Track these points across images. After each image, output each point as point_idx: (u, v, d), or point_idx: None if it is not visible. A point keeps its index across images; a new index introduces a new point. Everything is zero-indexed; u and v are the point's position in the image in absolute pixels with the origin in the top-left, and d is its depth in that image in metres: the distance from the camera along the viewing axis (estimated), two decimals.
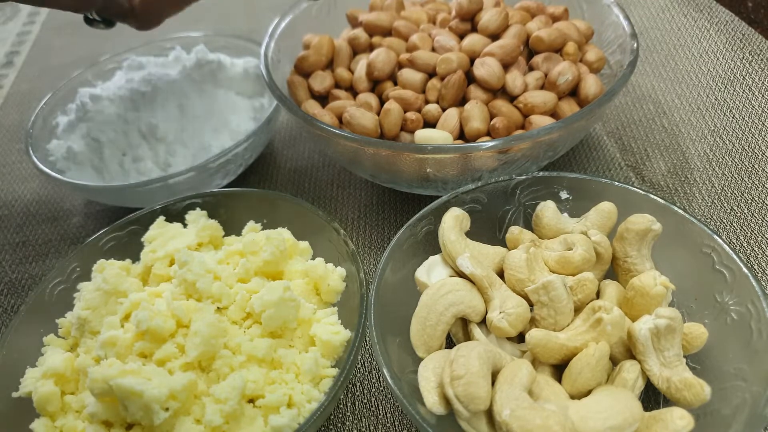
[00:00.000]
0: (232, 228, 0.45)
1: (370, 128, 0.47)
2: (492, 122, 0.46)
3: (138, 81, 0.57)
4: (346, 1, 0.59)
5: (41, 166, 0.52)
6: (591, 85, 0.47)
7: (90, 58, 0.73)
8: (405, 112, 0.48)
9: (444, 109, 0.48)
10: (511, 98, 0.48)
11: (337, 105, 0.50)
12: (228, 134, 0.55)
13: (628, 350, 0.34)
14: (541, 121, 0.46)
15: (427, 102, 0.49)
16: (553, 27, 0.50)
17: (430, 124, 0.48)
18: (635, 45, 0.48)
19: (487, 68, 0.47)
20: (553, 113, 0.47)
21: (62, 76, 0.75)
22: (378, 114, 0.48)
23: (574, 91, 0.48)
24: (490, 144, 0.42)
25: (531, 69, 0.49)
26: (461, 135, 0.47)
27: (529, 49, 0.50)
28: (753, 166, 0.51)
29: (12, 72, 0.82)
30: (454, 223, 0.38)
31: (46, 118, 0.59)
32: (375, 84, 0.51)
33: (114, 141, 0.53)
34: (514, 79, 0.47)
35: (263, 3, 0.83)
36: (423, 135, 0.46)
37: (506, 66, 0.48)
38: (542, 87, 0.48)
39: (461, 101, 0.48)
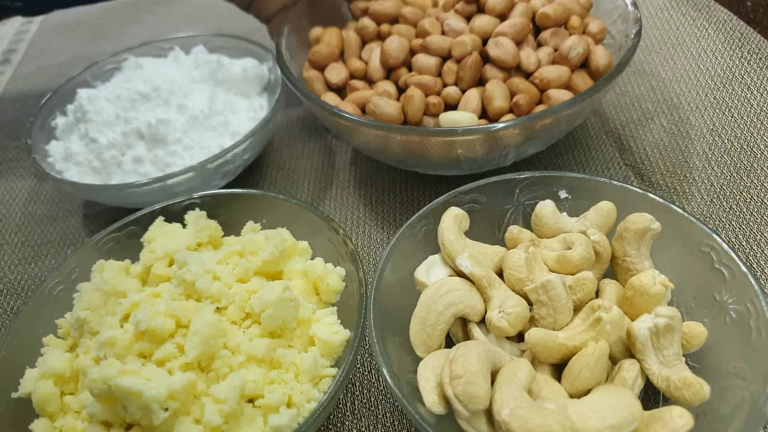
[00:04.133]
0: (232, 228, 0.45)
1: (394, 116, 0.48)
2: (514, 99, 0.47)
3: (137, 82, 0.57)
4: None
5: (42, 167, 0.52)
6: (601, 56, 0.49)
7: (87, 56, 0.73)
8: (425, 96, 0.49)
9: (463, 91, 0.49)
10: (526, 75, 0.49)
11: (357, 96, 0.51)
12: (227, 135, 0.55)
13: (628, 349, 0.34)
14: (558, 94, 0.47)
15: (445, 85, 0.50)
16: (557, 2, 0.51)
17: (450, 106, 0.49)
18: (638, 14, 0.49)
19: (501, 48, 0.48)
20: (568, 86, 0.48)
21: (59, 74, 0.75)
22: (398, 101, 0.49)
23: (583, 63, 0.50)
24: (518, 121, 0.42)
25: (540, 45, 0.51)
26: (483, 114, 0.48)
27: (535, 25, 0.51)
28: (752, 164, 0.51)
29: (9, 69, 0.82)
30: (453, 222, 0.38)
31: (45, 119, 0.59)
32: (389, 72, 0.52)
33: (113, 142, 0.53)
34: (528, 56, 0.48)
35: None
36: (448, 118, 0.47)
37: (518, 44, 0.49)
38: (554, 62, 0.49)
39: (478, 82, 0.49)
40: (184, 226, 0.45)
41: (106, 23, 0.90)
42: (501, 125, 0.42)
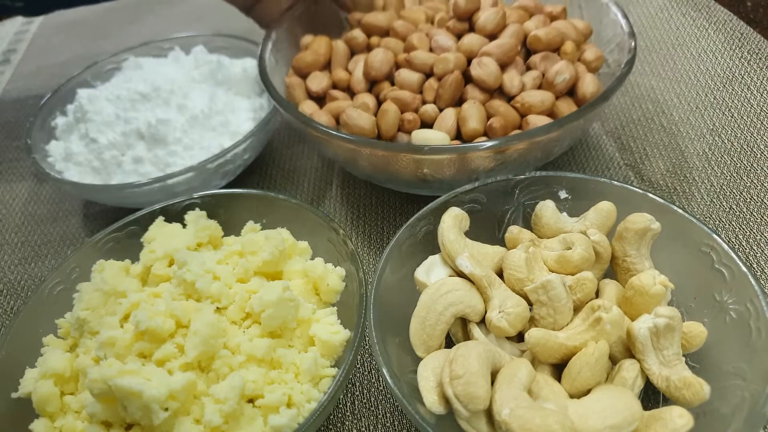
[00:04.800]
0: (232, 228, 0.45)
1: (367, 129, 0.47)
2: (489, 122, 0.45)
3: (137, 82, 0.57)
4: None
5: (42, 167, 0.52)
6: (588, 84, 0.47)
7: (87, 56, 0.72)
8: (402, 112, 0.48)
9: (441, 110, 0.48)
10: (509, 98, 0.48)
11: (334, 106, 0.50)
12: (227, 135, 0.55)
13: (628, 349, 0.34)
14: (538, 120, 0.46)
15: (424, 102, 0.49)
16: (551, 26, 0.50)
17: (427, 124, 0.48)
18: (633, 44, 0.48)
19: (484, 68, 0.47)
20: (551, 113, 0.47)
21: (59, 74, 0.75)
22: (375, 115, 0.48)
23: (571, 91, 0.48)
24: (487, 144, 0.41)
25: (528, 68, 0.49)
26: (458, 135, 0.47)
27: (527, 48, 0.50)
28: (752, 164, 0.51)
29: (9, 69, 0.82)
30: (453, 222, 0.38)
31: (45, 119, 0.59)
32: (372, 84, 0.51)
33: (113, 142, 0.53)
34: (512, 79, 0.47)
35: None
36: (420, 136, 0.46)
37: (504, 66, 0.48)
38: (540, 87, 0.48)
39: (458, 101, 0.48)
40: (184, 226, 0.45)
41: (106, 23, 0.90)
42: (469, 146, 0.41)
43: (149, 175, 0.52)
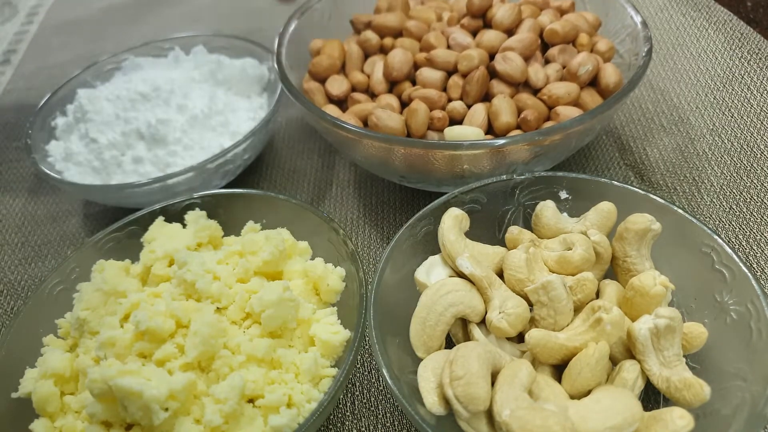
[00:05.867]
0: (232, 228, 0.45)
1: (397, 129, 0.47)
2: (522, 114, 0.46)
3: (137, 82, 0.57)
4: (346, 7, 0.59)
5: (42, 167, 0.52)
6: (610, 74, 0.48)
7: (87, 57, 0.73)
8: (430, 110, 0.48)
9: (469, 106, 0.48)
10: (534, 91, 0.48)
11: (358, 108, 0.50)
12: (227, 135, 0.55)
13: (628, 350, 0.34)
14: (567, 111, 0.46)
15: (450, 100, 0.49)
16: (564, 19, 0.51)
17: (455, 121, 0.48)
18: (648, 33, 0.49)
19: (509, 63, 0.47)
20: (576, 103, 0.48)
21: (59, 74, 0.75)
22: (401, 115, 0.49)
23: (592, 81, 0.49)
24: (527, 136, 0.42)
25: (547, 61, 0.50)
26: (489, 130, 0.47)
27: (543, 42, 0.51)
28: (752, 164, 0.51)
29: (9, 69, 0.82)
30: (453, 223, 0.38)
31: (45, 119, 0.59)
32: (392, 85, 0.51)
33: (113, 142, 0.53)
34: (536, 72, 0.48)
35: (262, 3, 0.83)
36: (453, 132, 0.46)
37: (526, 59, 0.48)
38: (562, 78, 0.49)
39: (484, 97, 0.49)
40: (184, 226, 0.45)
41: (106, 23, 0.90)
42: (510, 140, 0.42)
43: (149, 175, 0.52)
